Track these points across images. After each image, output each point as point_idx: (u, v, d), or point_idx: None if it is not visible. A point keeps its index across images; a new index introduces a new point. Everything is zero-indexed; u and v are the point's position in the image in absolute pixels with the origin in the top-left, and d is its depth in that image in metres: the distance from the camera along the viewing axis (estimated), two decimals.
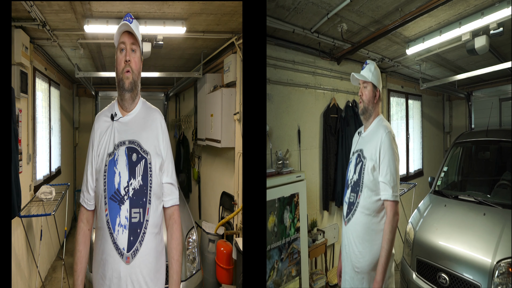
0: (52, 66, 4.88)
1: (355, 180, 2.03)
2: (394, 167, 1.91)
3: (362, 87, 2.12)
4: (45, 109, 4.61)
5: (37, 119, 4.13)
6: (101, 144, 1.57)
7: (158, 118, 1.64)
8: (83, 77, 4.67)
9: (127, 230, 1.47)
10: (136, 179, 1.51)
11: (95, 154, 1.58)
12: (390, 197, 1.88)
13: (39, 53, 4.14)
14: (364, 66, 2.14)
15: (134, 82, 1.57)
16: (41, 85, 4.41)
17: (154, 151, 1.56)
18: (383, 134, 1.96)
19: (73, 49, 4.05)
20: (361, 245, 1.97)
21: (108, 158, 1.53)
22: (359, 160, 2.05)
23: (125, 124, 1.59)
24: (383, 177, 1.90)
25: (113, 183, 1.50)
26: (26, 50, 3.37)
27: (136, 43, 1.57)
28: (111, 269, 1.48)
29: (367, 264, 1.95)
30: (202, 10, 2.96)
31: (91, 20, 3.05)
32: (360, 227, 1.97)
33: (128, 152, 1.53)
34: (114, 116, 1.59)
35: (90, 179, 1.59)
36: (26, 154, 3.63)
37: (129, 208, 1.48)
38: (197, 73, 4.60)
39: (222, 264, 3.54)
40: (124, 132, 1.57)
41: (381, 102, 2.16)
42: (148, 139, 1.57)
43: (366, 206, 1.95)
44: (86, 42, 3.78)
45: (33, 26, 3.12)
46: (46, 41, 3.70)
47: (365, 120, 2.13)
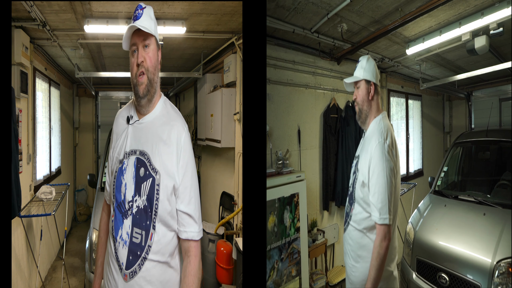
0: (52, 66, 4.88)
1: (350, 191, 1.91)
2: (384, 185, 1.66)
3: (355, 89, 1.93)
4: (45, 109, 4.61)
5: (37, 119, 4.13)
6: (115, 148, 1.46)
7: (179, 131, 1.37)
8: (83, 77, 4.67)
9: (127, 247, 1.34)
10: (141, 198, 1.34)
11: (110, 156, 1.48)
12: (378, 220, 1.67)
13: (39, 53, 4.14)
14: (356, 65, 1.95)
15: (150, 82, 1.38)
16: (41, 85, 4.41)
17: (165, 171, 1.34)
18: (374, 145, 1.72)
19: (73, 49, 4.05)
20: (353, 259, 1.86)
21: (119, 165, 1.40)
22: (354, 171, 1.88)
23: (139, 129, 1.40)
24: (371, 196, 1.70)
25: (120, 192, 1.38)
26: (26, 50, 3.37)
27: (148, 37, 1.39)
28: (112, 276, 1.38)
29: (359, 281, 1.83)
30: (202, 10, 2.96)
31: (91, 20, 3.05)
32: (352, 242, 1.86)
33: (137, 164, 1.36)
34: (130, 118, 1.43)
35: (108, 177, 1.49)
36: (26, 154, 3.63)
37: (131, 225, 1.35)
38: (197, 73, 4.60)
39: (222, 264, 3.54)
40: (137, 140, 1.39)
41: (379, 99, 1.92)
42: (161, 155, 1.34)
43: (357, 222, 1.81)
44: (86, 42, 3.78)
45: (33, 26, 3.12)
46: (46, 41, 3.70)
47: (362, 124, 1.91)
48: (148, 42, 1.39)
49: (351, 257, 1.88)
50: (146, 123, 1.41)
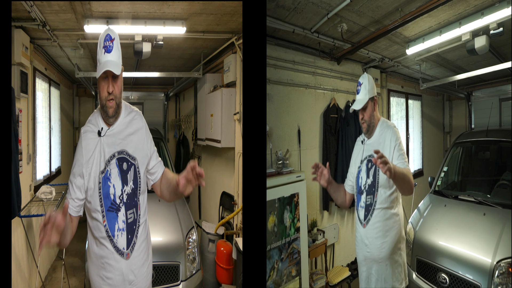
0: (52, 66, 4.88)
1: (370, 183, 2.18)
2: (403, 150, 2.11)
3: (361, 111, 2.20)
4: (45, 109, 4.61)
5: (37, 119, 4.13)
6: (90, 163, 1.63)
7: (140, 120, 1.76)
8: (83, 77, 4.67)
9: (125, 231, 1.65)
10: (128, 185, 1.67)
11: (85, 172, 1.62)
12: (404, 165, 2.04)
13: (39, 53, 4.14)
14: (359, 88, 2.20)
15: (118, 106, 1.66)
16: (41, 85, 4.41)
17: (140, 155, 1.71)
18: (390, 132, 2.13)
19: (73, 49, 4.05)
20: (382, 237, 2.14)
21: (101, 175, 1.63)
22: (372, 165, 2.17)
23: (112, 136, 1.68)
24: (395, 160, 2.07)
25: (108, 196, 1.63)
26: (26, 50, 3.37)
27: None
28: (113, 270, 1.64)
29: (389, 251, 2.14)
30: (202, 10, 2.95)
31: (91, 20, 3.05)
32: (380, 223, 2.14)
33: (118, 163, 1.66)
34: (101, 131, 1.67)
35: (78, 192, 1.63)
36: (26, 154, 3.63)
37: (125, 212, 1.65)
38: (197, 73, 4.60)
39: (222, 264, 3.54)
40: (112, 145, 1.67)
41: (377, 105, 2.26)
42: (135, 145, 1.71)
43: (383, 202, 2.13)
44: (86, 42, 3.78)
45: (33, 26, 3.12)
46: (46, 41, 3.70)
47: (369, 135, 2.24)
48: (117, 74, 1.61)
49: (379, 237, 2.14)
50: (116, 128, 1.69)
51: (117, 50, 1.62)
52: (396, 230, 2.15)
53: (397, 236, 2.16)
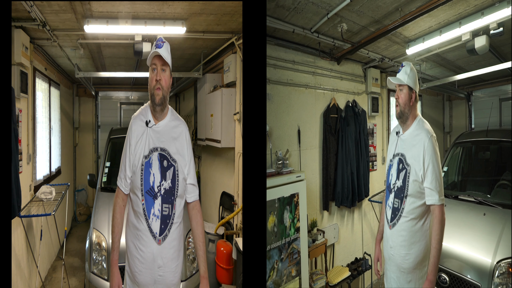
0: (52, 66, 4.89)
1: (399, 186, 2.09)
2: (439, 172, 1.97)
3: (398, 90, 2.13)
4: (45, 109, 4.61)
5: (37, 119, 4.13)
6: (138, 146, 1.85)
7: (184, 130, 1.94)
8: (83, 77, 4.67)
9: (159, 219, 1.84)
10: (167, 182, 1.86)
11: (132, 151, 1.86)
12: (437, 202, 1.95)
13: (39, 53, 4.14)
14: (400, 68, 2.14)
15: (164, 97, 1.85)
16: (41, 85, 4.41)
17: (180, 160, 1.89)
18: (426, 140, 1.99)
19: (73, 49, 4.05)
20: (407, 248, 2.06)
21: (145, 160, 1.84)
22: (403, 167, 2.08)
23: (157, 132, 1.88)
24: (428, 183, 1.96)
25: (148, 181, 1.83)
26: (26, 50, 3.37)
27: (166, 64, 1.83)
28: (145, 245, 1.84)
29: (413, 265, 2.05)
30: (202, 10, 2.96)
31: (91, 20, 3.05)
32: (405, 232, 2.05)
33: (160, 158, 1.86)
34: (149, 122, 1.88)
35: (128, 170, 1.86)
36: (26, 154, 3.63)
37: (161, 203, 1.85)
38: (197, 73, 4.60)
39: (222, 264, 3.54)
40: (157, 140, 1.86)
41: (417, 103, 2.17)
42: (176, 149, 1.89)
43: (411, 212, 2.03)
44: (86, 42, 3.78)
45: (33, 26, 3.12)
46: (46, 41, 3.70)
47: (402, 123, 2.15)
48: (165, 68, 1.85)
49: (403, 247, 2.06)
50: (161, 127, 1.89)
51: (166, 50, 1.84)
52: (423, 245, 2.04)
53: (423, 251, 2.04)
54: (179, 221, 1.93)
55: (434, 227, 1.95)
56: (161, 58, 1.82)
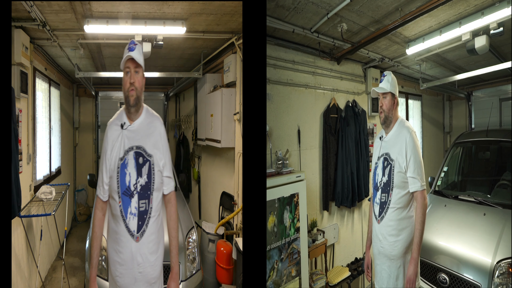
0: (52, 66, 4.88)
1: (385, 181, 2.26)
2: (420, 162, 2.19)
3: (381, 98, 2.32)
4: (45, 109, 4.61)
5: (37, 119, 4.13)
6: (114, 150, 1.91)
7: (159, 126, 1.99)
8: (83, 77, 4.67)
9: (136, 217, 1.87)
10: (143, 178, 1.90)
11: (108, 157, 1.91)
12: (420, 188, 2.16)
13: (39, 53, 4.14)
14: (382, 78, 2.34)
15: (138, 97, 1.90)
16: (41, 85, 4.41)
17: (156, 154, 1.93)
18: (407, 136, 2.20)
19: (73, 49, 4.05)
20: (395, 236, 2.21)
21: (120, 162, 1.89)
22: (387, 164, 2.26)
23: (133, 131, 1.93)
24: (411, 173, 2.16)
25: (124, 182, 1.88)
26: (26, 50, 3.37)
27: (139, 66, 1.90)
28: (124, 246, 1.87)
29: (402, 250, 2.20)
30: (202, 10, 2.95)
31: (91, 20, 3.05)
32: (393, 222, 2.22)
33: (136, 156, 1.90)
34: (123, 125, 1.92)
35: (105, 177, 1.92)
36: (26, 154, 3.63)
37: (137, 200, 1.88)
38: (197, 73, 4.60)
39: (222, 264, 3.54)
40: (132, 139, 1.92)
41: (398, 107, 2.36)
42: (152, 145, 1.94)
43: (397, 202, 2.21)
44: (86, 42, 3.78)
45: (33, 26, 3.12)
46: (46, 41, 3.69)
47: (386, 127, 2.33)
48: (138, 69, 1.91)
49: (392, 235, 2.22)
50: (137, 125, 1.94)
51: (138, 52, 1.91)
52: (409, 230, 2.20)
53: (411, 236, 2.19)
54: (157, 214, 1.95)
55: (417, 211, 2.16)
56: (133, 61, 1.88)
